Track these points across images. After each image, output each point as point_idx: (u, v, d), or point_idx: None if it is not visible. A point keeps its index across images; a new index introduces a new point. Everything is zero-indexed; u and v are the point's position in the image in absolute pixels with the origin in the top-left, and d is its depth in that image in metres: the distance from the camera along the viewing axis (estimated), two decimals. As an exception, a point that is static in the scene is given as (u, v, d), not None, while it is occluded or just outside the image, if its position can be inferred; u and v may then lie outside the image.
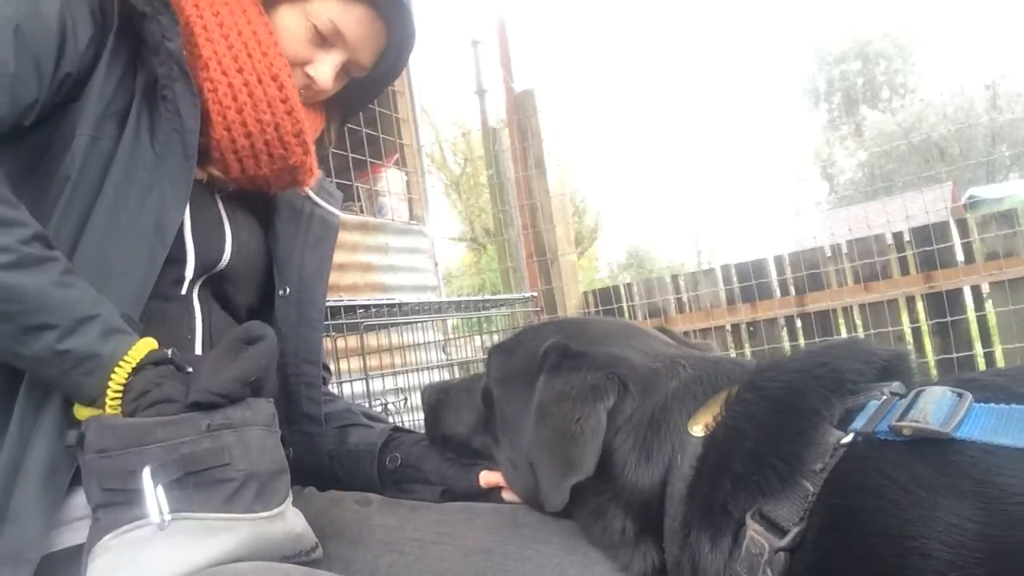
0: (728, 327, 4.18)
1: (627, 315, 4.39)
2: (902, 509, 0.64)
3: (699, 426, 0.83)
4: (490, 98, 7.34)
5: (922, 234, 3.70)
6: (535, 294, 3.96)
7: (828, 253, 3.97)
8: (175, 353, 0.91)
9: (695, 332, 4.16)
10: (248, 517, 0.85)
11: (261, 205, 1.23)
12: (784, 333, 4.11)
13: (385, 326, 2.91)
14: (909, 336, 3.76)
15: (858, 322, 3.87)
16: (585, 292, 4.61)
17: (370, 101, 1.40)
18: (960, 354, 3.59)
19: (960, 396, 0.69)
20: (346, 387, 2.54)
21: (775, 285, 4.06)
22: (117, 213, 0.95)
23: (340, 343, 2.68)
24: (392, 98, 4.03)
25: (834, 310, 3.91)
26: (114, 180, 0.96)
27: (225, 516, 0.83)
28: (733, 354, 3.91)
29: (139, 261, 0.96)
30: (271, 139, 1.07)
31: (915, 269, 3.72)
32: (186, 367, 0.90)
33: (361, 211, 3.76)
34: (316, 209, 1.28)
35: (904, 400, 0.71)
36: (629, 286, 4.53)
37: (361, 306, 2.62)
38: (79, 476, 0.85)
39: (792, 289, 4.02)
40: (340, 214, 1.33)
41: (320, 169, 1.24)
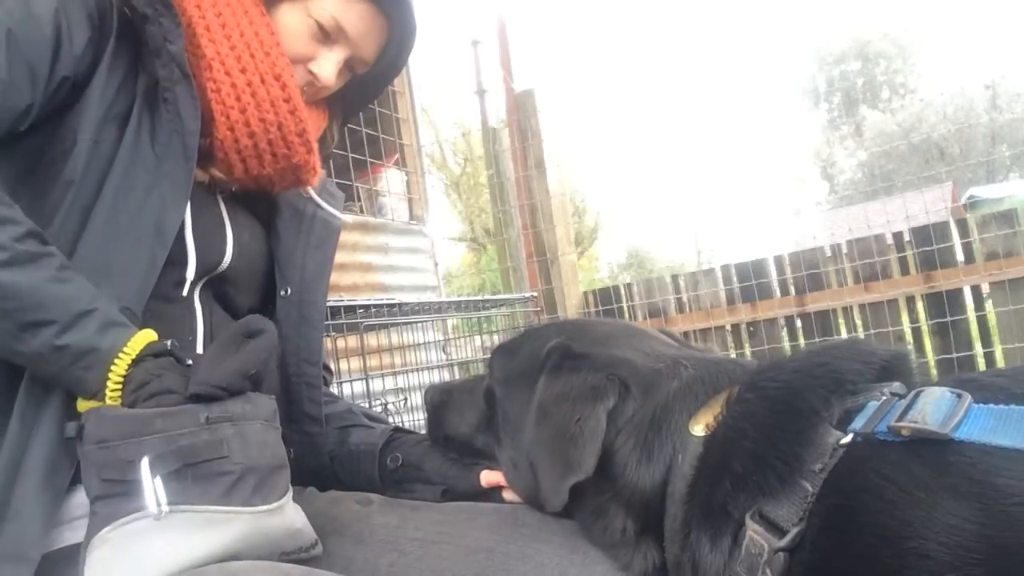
0: (728, 327, 4.18)
1: (627, 315, 4.39)
2: (900, 510, 0.64)
3: (700, 426, 0.83)
4: (490, 98, 7.35)
5: (922, 234, 3.70)
6: (535, 294, 3.96)
7: (828, 253, 3.97)
8: (174, 345, 0.91)
9: (695, 332, 4.16)
10: (247, 510, 0.85)
11: (263, 206, 1.23)
12: (784, 333, 4.11)
13: (385, 326, 2.91)
14: (909, 336, 3.76)
15: (858, 322, 3.87)
16: (585, 292, 4.61)
17: (372, 98, 1.40)
18: (960, 354, 3.59)
19: (959, 397, 0.69)
20: (346, 387, 2.55)
21: (775, 285, 4.06)
22: (117, 214, 0.95)
23: (340, 343, 2.68)
24: (392, 98, 4.03)
25: (834, 310, 3.92)
26: (114, 182, 0.96)
27: (223, 509, 0.83)
28: (733, 354, 3.91)
29: (139, 262, 0.97)
30: (274, 138, 1.07)
31: (915, 269, 3.72)
32: (186, 359, 0.91)
33: (361, 211, 3.77)
34: (318, 211, 1.28)
35: (903, 401, 0.71)
36: (629, 286, 4.53)
37: (361, 306, 2.62)
38: (79, 475, 0.85)
39: (792, 289, 4.02)
40: (342, 216, 1.33)
41: (322, 169, 1.24)
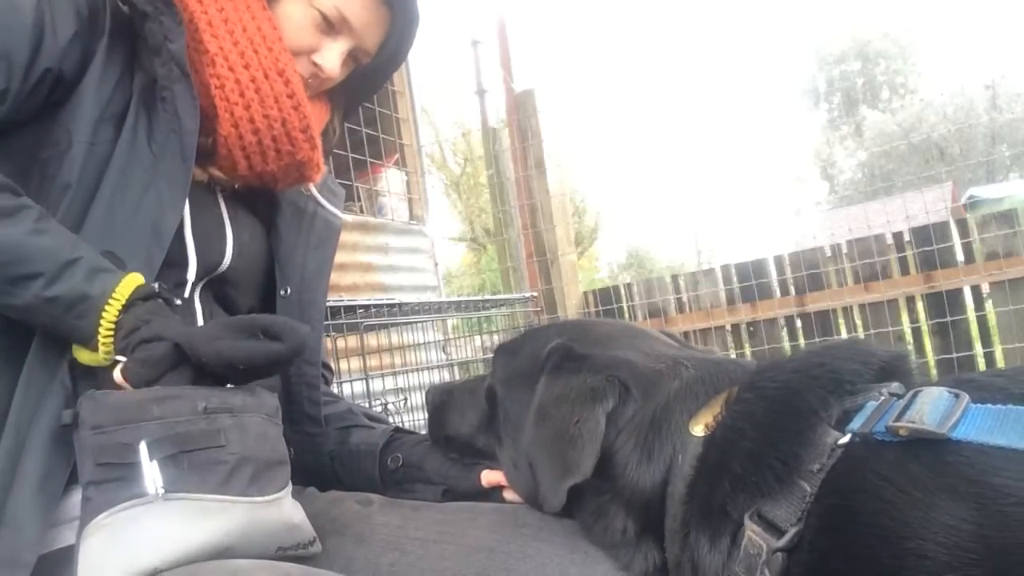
0: (728, 327, 4.18)
1: (627, 315, 4.39)
2: (898, 510, 0.64)
3: (700, 426, 0.83)
4: (490, 98, 7.33)
5: (922, 234, 3.70)
6: (535, 294, 3.97)
7: (828, 253, 3.97)
8: (162, 287, 0.92)
9: (695, 332, 4.16)
10: (243, 500, 0.85)
11: (263, 204, 1.22)
12: (784, 333, 4.11)
13: (385, 326, 2.91)
14: (909, 336, 3.76)
15: (858, 322, 3.87)
16: (585, 292, 4.61)
17: (375, 90, 1.39)
18: (960, 354, 3.59)
19: (957, 397, 0.69)
20: (346, 387, 2.55)
21: (775, 285, 4.06)
22: (114, 214, 0.95)
23: (340, 343, 2.68)
24: (392, 98, 4.04)
25: (834, 310, 3.92)
26: (111, 181, 0.96)
27: (219, 497, 0.83)
28: (733, 354, 3.92)
29: (136, 263, 0.96)
30: (278, 135, 1.06)
31: (915, 269, 3.73)
32: (173, 299, 0.91)
33: (361, 211, 3.77)
34: (319, 209, 1.27)
35: (901, 401, 0.72)
36: (629, 286, 4.54)
37: (361, 306, 2.62)
38: (75, 476, 0.84)
39: (792, 289, 4.02)
40: (343, 216, 1.33)
41: (325, 164, 1.23)
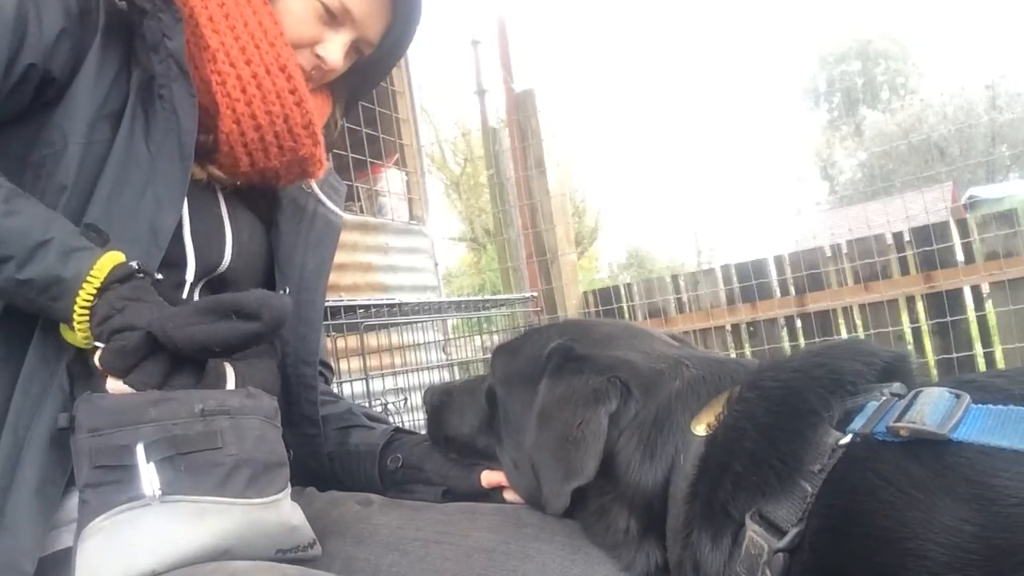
0: (728, 327, 4.18)
1: (627, 315, 4.39)
2: (899, 510, 0.64)
3: (702, 425, 0.83)
4: (490, 98, 7.34)
5: (922, 234, 3.70)
6: (535, 294, 3.97)
7: (828, 253, 3.97)
8: (141, 263, 0.89)
9: (695, 332, 4.16)
10: (240, 502, 0.85)
11: (263, 201, 1.21)
12: (784, 333, 4.12)
13: (385, 326, 2.91)
14: (909, 336, 3.76)
15: (858, 322, 3.87)
16: (585, 292, 4.61)
17: (377, 82, 1.38)
18: (960, 354, 3.59)
19: (957, 397, 0.69)
20: (346, 387, 2.55)
21: (775, 285, 4.07)
22: (110, 215, 0.94)
23: (340, 343, 2.68)
24: (392, 98, 4.04)
25: (834, 310, 3.92)
26: (107, 181, 0.94)
27: (217, 499, 0.83)
28: (733, 354, 3.91)
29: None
30: (281, 131, 1.05)
31: (915, 269, 3.73)
32: (154, 274, 0.89)
33: (361, 211, 3.77)
34: (319, 207, 1.26)
35: (902, 401, 0.71)
36: (629, 286, 4.54)
37: (361, 306, 2.62)
38: (73, 479, 0.84)
39: (792, 289, 4.03)
40: (343, 214, 1.31)
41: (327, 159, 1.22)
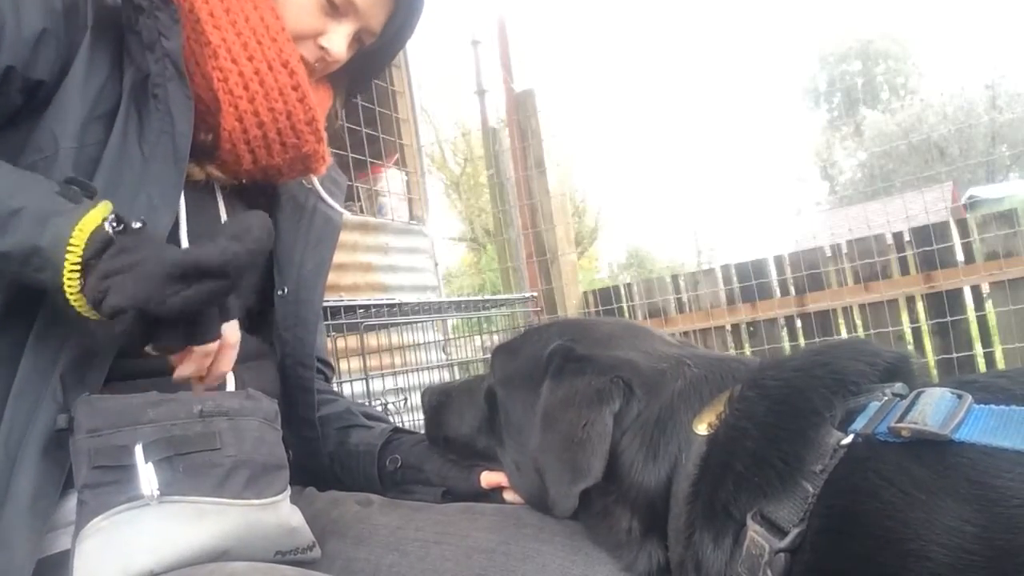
0: (728, 327, 4.18)
1: (627, 315, 4.39)
2: (900, 511, 0.64)
3: (703, 425, 0.82)
4: (490, 98, 7.35)
5: (922, 234, 3.70)
6: (535, 294, 3.97)
7: (828, 253, 3.97)
8: (117, 216, 0.84)
9: (695, 332, 4.16)
10: (238, 503, 0.84)
11: (262, 200, 1.20)
12: (784, 333, 4.11)
13: (385, 326, 2.91)
14: (909, 336, 3.76)
15: (858, 322, 3.87)
16: (585, 292, 4.61)
17: (378, 71, 1.36)
18: (960, 354, 3.59)
19: (960, 398, 0.69)
20: (346, 387, 2.55)
21: (775, 285, 4.07)
22: None
23: (340, 343, 2.68)
24: (392, 98, 4.03)
25: (834, 310, 3.92)
26: (100, 183, 0.91)
27: (215, 500, 0.83)
28: (733, 354, 3.91)
29: None
30: (283, 128, 1.04)
31: (915, 269, 3.73)
32: (132, 223, 0.84)
33: (361, 211, 3.76)
34: (319, 205, 1.25)
35: (904, 401, 0.71)
36: (629, 286, 4.54)
37: (361, 306, 2.62)
38: (71, 480, 0.83)
39: (792, 289, 4.02)
40: (343, 212, 1.30)
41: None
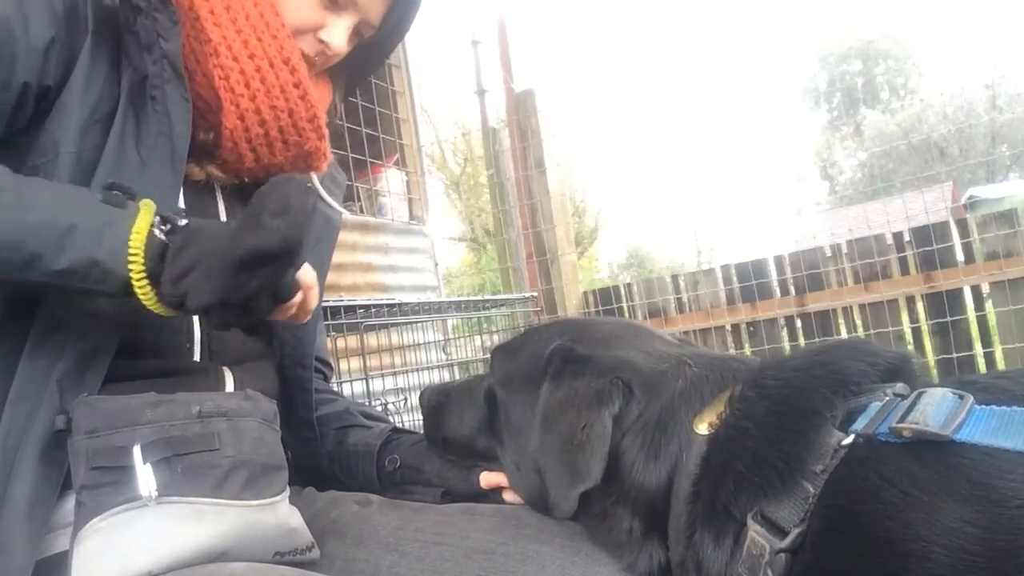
0: (728, 327, 4.18)
1: (627, 315, 4.39)
2: (901, 512, 0.64)
3: (704, 424, 0.82)
4: (490, 98, 7.35)
5: (922, 234, 3.70)
6: (535, 294, 3.97)
7: (828, 253, 3.97)
8: (164, 217, 0.86)
9: (695, 332, 4.16)
10: (236, 504, 0.84)
11: None
12: (784, 333, 4.11)
13: (385, 326, 2.91)
14: (909, 336, 3.76)
15: (858, 322, 3.87)
16: (585, 292, 4.61)
17: (378, 65, 1.35)
18: (960, 354, 3.59)
19: (961, 398, 0.69)
20: (346, 387, 2.55)
21: (775, 285, 4.07)
22: None
23: (340, 343, 2.68)
24: (392, 98, 4.03)
25: (834, 310, 3.92)
26: (97, 187, 0.90)
27: (214, 501, 0.83)
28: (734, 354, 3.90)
29: None
30: (285, 126, 1.03)
31: (915, 269, 3.73)
32: (178, 220, 0.85)
33: (361, 211, 3.76)
34: (318, 203, 1.24)
35: (905, 402, 0.71)
36: (629, 286, 4.54)
37: (361, 306, 2.62)
38: (70, 481, 0.83)
39: (792, 289, 4.02)
40: (342, 210, 1.29)
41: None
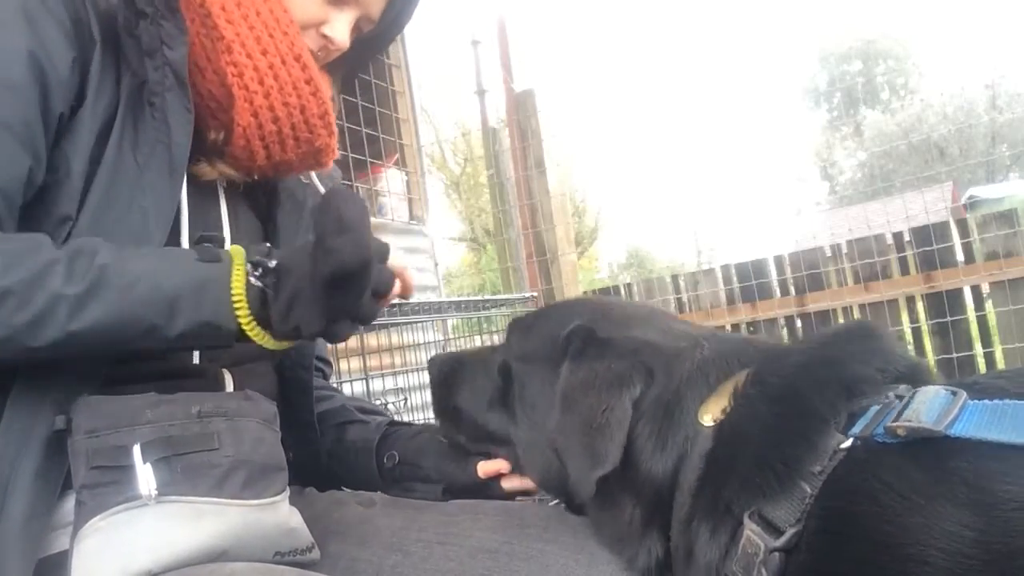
0: (728, 327, 4.18)
1: (627, 315, 4.39)
2: (899, 515, 0.64)
3: (709, 416, 0.82)
4: (490, 98, 7.34)
5: (922, 234, 3.70)
6: (535, 294, 3.96)
7: (828, 253, 3.97)
8: (256, 261, 0.89)
9: (695, 332, 4.16)
10: (236, 503, 0.84)
11: (262, 196, 1.19)
12: (784, 333, 4.12)
13: (385, 326, 2.91)
14: (909, 336, 3.76)
15: (858, 322, 3.87)
16: (585, 292, 4.62)
17: (374, 57, 1.34)
18: (960, 354, 3.59)
19: (954, 394, 0.69)
20: (346, 387, 2.55)
21: (775, 285, 4.07)
22: (97, 232, 0.88)
23: (340, 343, 2.68)
24: (392, 98, 4.03)
25: (834, 310, 3.92)
26: (96, 194, 0.90)
27: (214, 500, 0.83)
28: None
29: None
30: (298, 122, 1.03)
31: (915, 269, 3.73)
32: (269, 264, 0.88)
33: (361, 211, 3.76)
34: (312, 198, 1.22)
35: (902, 402, 0.71)
36: (629, 286, 4.55)
37: (361, 306, 2.61)
38: (70, 481, 0.83)
39: (792, 289, 4.03)
40: None
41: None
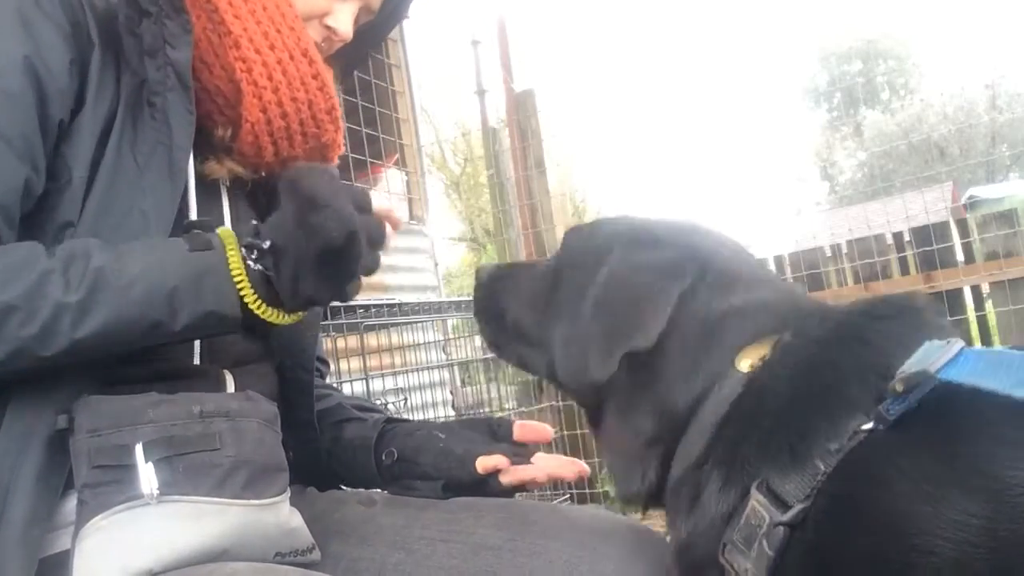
0: (728, 327, 4.18)
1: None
2: (910, 502, 0.63)
3: (746, 361, 0.79)
4: (490, 98, 7.32)
5: (922, 234, 3.70)
6: (535, 294, 3.96)
7: (828, 253, 3.97)
8: (249, 247, 0.88)
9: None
10: (237, 503, 0.84)
11: (262, 194, 1.17)
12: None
13: (385, 326, 2.91)
14: (909, 336, 3.75)
15: (858, 322, 3.87)
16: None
17: (371, 48, 1.35)
18: (960, 354, 3.59)
19: (949, 343, 0.68)
20: (346, 387, 2.55)
21: (775, 285, 4.06)
22: (96, 234, 0.88)
23: (340, 343, 2.68)
24: (392, 98, 4.04)
25: (834, 310, 3.92)
26: (95, 201, 0.89)
27: (214, 500, 0.83)
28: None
29: None
30: (305, 118, 1.03)
31: (915, 269, 3.72)
32: (263, 244, 0.88)
33: (361, 211, 3.76)
34: None
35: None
36: (629, 286, 4.53)
37: (361, 306, 2.62)
38: (71, 480, 0.83)
39: (792, 289, 4.02)
40: None
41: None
